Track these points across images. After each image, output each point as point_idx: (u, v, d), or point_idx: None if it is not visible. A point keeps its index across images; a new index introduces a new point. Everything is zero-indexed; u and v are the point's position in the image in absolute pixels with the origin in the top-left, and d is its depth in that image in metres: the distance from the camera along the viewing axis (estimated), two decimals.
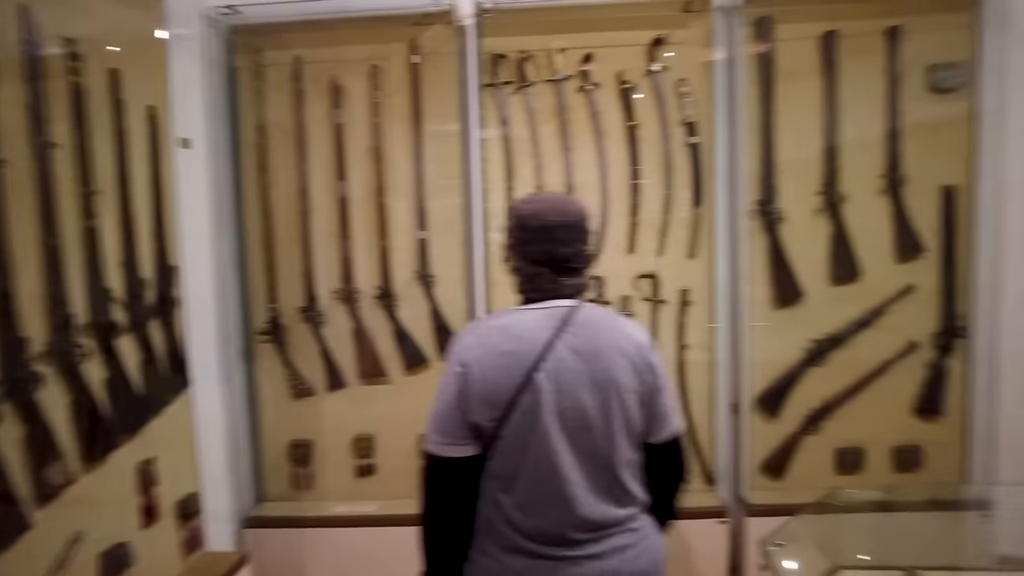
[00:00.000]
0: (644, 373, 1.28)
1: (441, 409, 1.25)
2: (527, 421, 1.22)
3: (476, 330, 1.31)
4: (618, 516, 1.28)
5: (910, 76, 2.29)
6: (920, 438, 2.37)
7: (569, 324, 1.24)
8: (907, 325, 2.33)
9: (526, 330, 1.24)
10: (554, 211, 1.30)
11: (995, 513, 2.20)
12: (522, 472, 1.24)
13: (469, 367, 1.23)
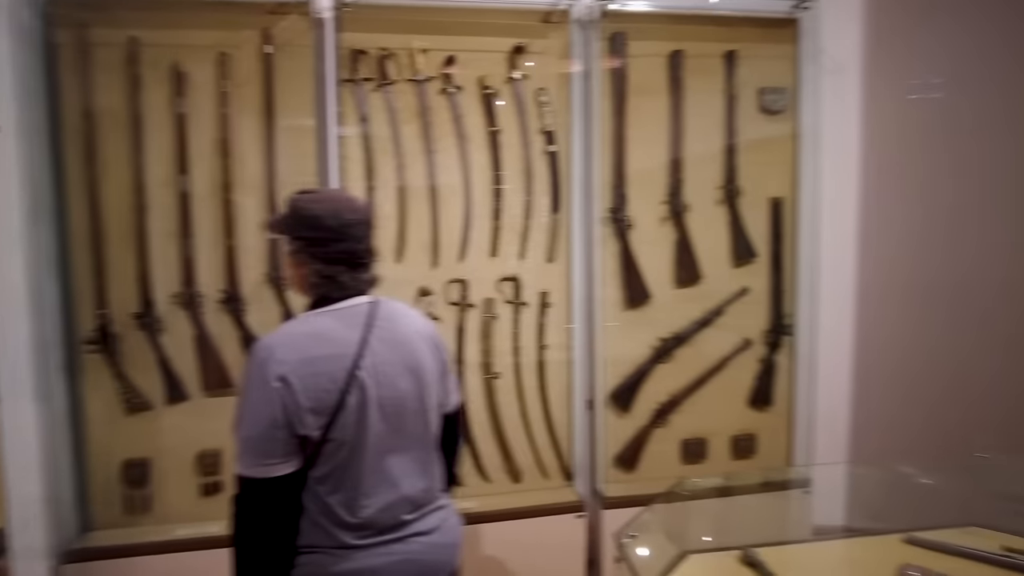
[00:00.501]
0: (439, 351, 1.43)
1: (260, 431, 1.19)
2: (354, 419, 1.25)
3: (284, 341, 1.25)
4: (434, 492, 1.40)
5: (744, 97, 2.52)
6: (754, 426, 2.61)
7: (375, 318, 1.31)
8: (742, 324, 2.56)
9: (337, 331, 1.27)
10: (348, 209, 1.33)
11: (813, 489, 2.47)
12: (350, 469, 1.26)
13: (288, 381, 1.19)
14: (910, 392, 2.61)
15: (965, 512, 1.56)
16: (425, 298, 2.35)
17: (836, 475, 2.45)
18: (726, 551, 1.46)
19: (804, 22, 2.49)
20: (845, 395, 2.64)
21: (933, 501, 1.73)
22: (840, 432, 2.64)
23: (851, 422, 2.64)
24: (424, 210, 2.35)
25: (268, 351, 1.21)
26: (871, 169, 2.57)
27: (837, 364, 2.62)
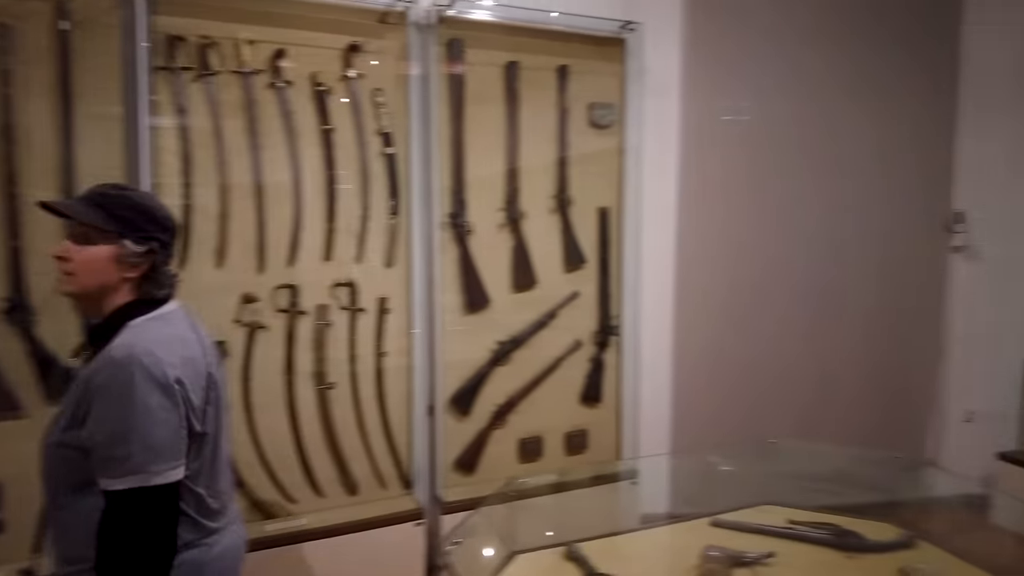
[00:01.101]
0: None
1: (168, 434, 1.18)
2: (214, 414, 1.31)
3: (161, 345, 1.21)
4: None
5: (575, 111, 2.64)
6: (586, 423, 2.74)
7: (192, 316, 1.37)
8: (574, 326, 2.68)
9: (186, 331, 1.30)
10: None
11: (639, 480, 2.64)
12: (212, 460, 1.32)
13: (182, 382, 1.21)
14: (721, 385, 2.90)
15: (761, 492, 1.75)
16: (250, 305, 2.20)
17: (658, 466, 2.64)
18: (553, 548, 1.51)
19: (630, 43, 2.66)
20: (667, 389, 2.86)
21: (737, 485, 1.92)
22: (663, 424, 2.86)
23: (672, 414, 2.87)
24: (250, 210, 2.20)
25: (152, 356, 1.17)
26: (688, 182, 2.81)
27: (659, 361, 2.83)
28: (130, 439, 1.12)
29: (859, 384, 3.02)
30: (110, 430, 1.12)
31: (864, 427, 3.03)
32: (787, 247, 2.91)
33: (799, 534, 1.53)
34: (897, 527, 1.53)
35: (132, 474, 1.11)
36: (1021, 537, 1.76)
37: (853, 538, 1.48)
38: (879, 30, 2.92)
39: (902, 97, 2.96)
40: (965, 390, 3.17)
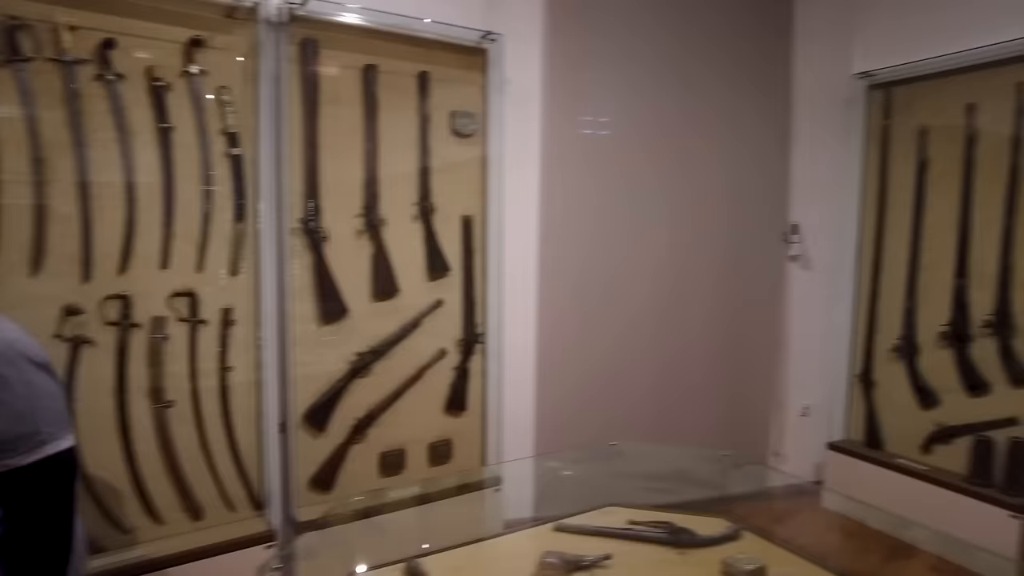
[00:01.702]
0: None
1: (60, 406, 1.21)
2: None
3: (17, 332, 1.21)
4: None
5: (438, 118, 2.62)
6: (451, 432, 2.72)
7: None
8: (438, 334, 2.65)
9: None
10: None
11: (503, 486, 2.65)
12: None
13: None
14: (581, 389, 2.98)
15: (606, 495, 1.80)
16: (73, 318, 1.99)
17: (521, 471, 2.66)
18: (396, 564, 1.47)
19: (492, 53, 2.68)
20: (531, 395, 2.90)
21: (584, 488, 1.97)
22: (527, 429, 2.89)
23: (536, 420, 2.91)
24: (73, 213, 2.00)
25: (23, 339, 1.19)
26: (548, 192, 2.87)
27: (523, 367, 2.87)
28: (32, 416, 1.16)
29: (708, 384, 3.21)
30: (8, 413, 1.14)
31: (714, 424, 3.23)
32: (640, 256, 3.05)
33: (636, 534, 1.59)
34: (727, 521, 1.63)
35: (41, 445, 1.16)
36: (829, 520, 1.93)
37: (685, 535, 1.56)
38: (724, 57, 3.13)
39: (745, 118, 3.19)
40: (802, 387, 3.46)
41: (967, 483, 2.85)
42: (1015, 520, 2.64)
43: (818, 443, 3.43)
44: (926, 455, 3.08)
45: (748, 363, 3.31)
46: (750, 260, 3.27)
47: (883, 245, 3.26)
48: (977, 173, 2.90)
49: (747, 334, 3.28)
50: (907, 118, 3.16)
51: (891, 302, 3.21)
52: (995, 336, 2.83)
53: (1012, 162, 2.77)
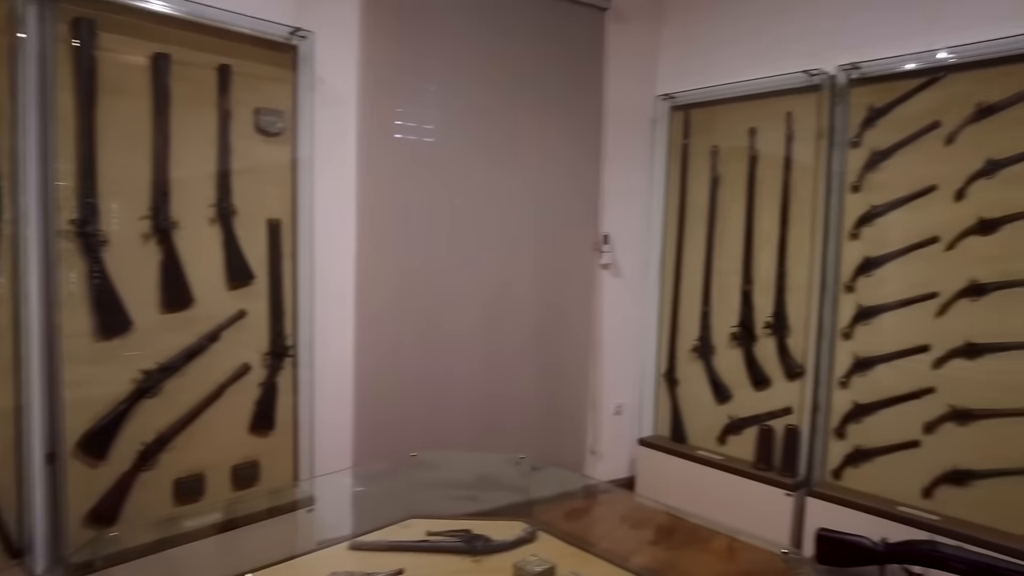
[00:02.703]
0: None
1: None
2: None
3: None
4: None
5: (241, 115, 2.45)
6: (257, 452, 2.54)
7: None
8: (241, 348, 2.47)
9: None
10: None
11: (316, 505, 2.52)
12: None
13: None
14: (404, 400, 2.92)
15: (408, 507, 1.76)
16: None
17: (332, 488, 2.55)
18: None
19: (302, 50, 2.56)
20: (349, 409, 2.79)
21: (388, 501, 1.92)
22: (345, 445, 2.78)
23: (355, 434, 2.80)
24: None
25: None
26: (366, 197, 2.79)
27: (340, 380, 2.76)
28: None
29: (528, 389, 3.30)
30: None
31: (535, 427, 3.31)
32: (461, 263, 3.06)
33: (432, 545, 1.57)
34: (525, 524, 1.66)
35: None
36: (637, 513, 2.05)
37: (480, 541, 1.56)
38: (541, 73, 3.24)
39: (560, 132, 3.32)
40: (615, 387, 3.67)
41: (753, 468, 3.17)
42: (789, 497, 2.98)
43: (631, 440, 3.66)
44: (722, 445, 3.39)
45: (565, 367, 3.44)
46: (565, 268, 3.40)
47: (683, 254, 3.55)
48: (758, 189, 3.25)
49: (563, 339, 3.42)
50: (703, 138, 3.47)
51: (690, 306, 3.50)
52: (774, 335, 3.18)
53: (784, 180, 3.14)
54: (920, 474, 2.73)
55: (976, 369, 2.60)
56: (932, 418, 2.71)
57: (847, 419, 2.96)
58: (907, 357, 2.78)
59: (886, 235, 2.84)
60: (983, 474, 2.58)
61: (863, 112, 2.88)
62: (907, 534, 1.71)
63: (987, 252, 2.57)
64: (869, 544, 1.58)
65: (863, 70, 2.86)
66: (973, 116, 2.58)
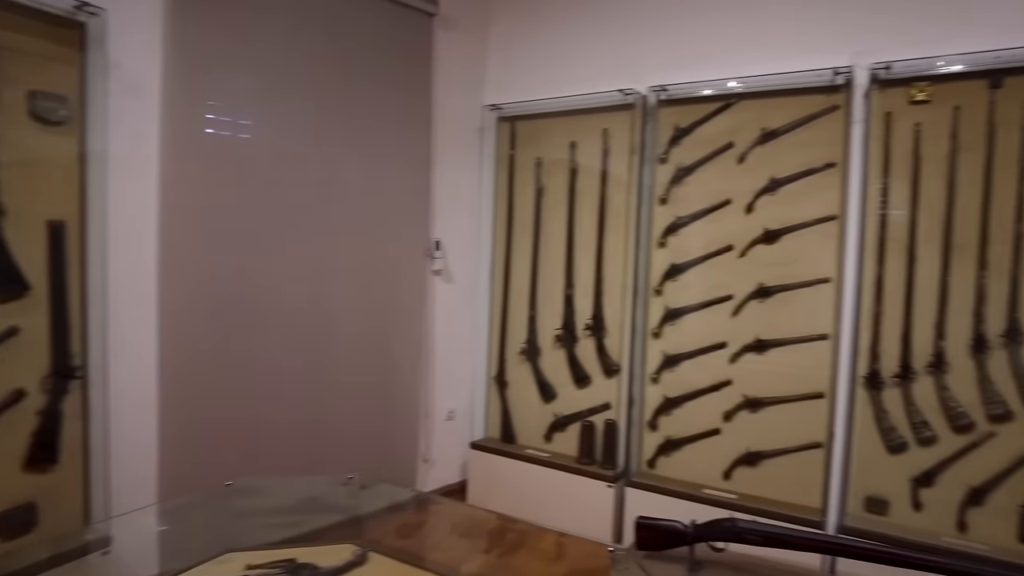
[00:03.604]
0: None
1: None
2: None
3: None
4: None
5: (11, 98, 2.09)
6: (35, 493, 2.17)
7: None
8: (12, 371, 2.11)
9: None
10: None
11: (113, 547, 2.21)
12: None
13: None
14: (219, 423, 2.67)
15: (225, 540, 1.61)
16: None
17: (131, 527, 2.26)
18: None
19: (92, 29, 2.25)
20: (152, 436, 2.49)
21: (201, 536, 1.74)
22: (148, 477, 2.48)
23: (160, 465, 2.50)
24: None
25: None
26: (171, 198, 2.51)
27: (140, 404, 2.45)
28: None
29: (360, 402, 3.18)
30: None
31: (368, 441, 3.21)
32: (285, 272, 2.88)
33: None
34: (355, 545, 1.59)
35: None
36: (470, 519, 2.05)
37: (307, 570, 1.47)
38: (370, 76, 3.14)
39: (390, 138, 3.25)
40: (447, 393, 3.67)
41: (577, 463, 3.34)
42: (610, 489, 3.17)
43: (463, 444, 3.68)
44: (548, 443, 3.53)
45: (397, 375, 3.38)
46: (396, 275, 3.34)
47: (512, 260, 3.65)
48: (579, 200, 3.43)
49: (395, 347, 3.35)
50: (529, 149, 3.60)
51: (519, 310, 3.61)
52: (593, 336, 3.38)
53: (602, 192, 3.35)
54: (721, 458, 3.05)
55: (764, 362, 2.97)
56: (730, 407, 3.04)
57: (658, 412, 3.22)
58: (708, 353, 3.09)
59: (688, 244, 3.14)
60: (770, 454, 2.95)
61: (670, 131, 3.16)
62: (712, 514, 1.88)
63: (771, 259, 2.94)
64: (681, 527, 1.73)
65: (670, 92, 3.14)
66: (759, 139, 2.94)
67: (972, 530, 2.56)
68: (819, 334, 2.84)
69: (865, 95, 2.71)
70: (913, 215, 2.64)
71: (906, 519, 2.67)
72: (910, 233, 2.64)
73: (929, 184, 2.61)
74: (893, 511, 2.70)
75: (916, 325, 2.64)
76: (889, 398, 2.70)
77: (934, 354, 2.60)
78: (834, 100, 2.80)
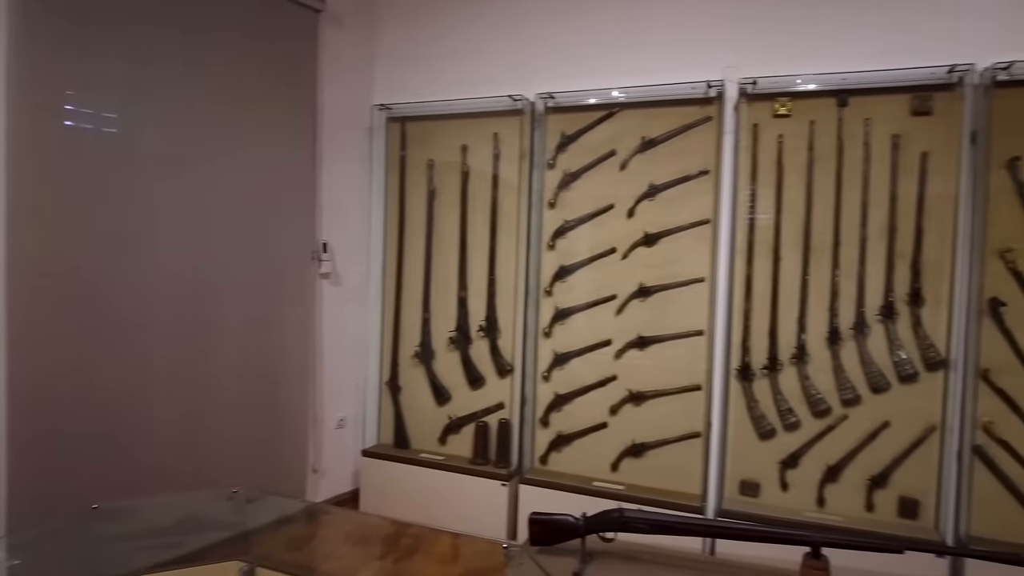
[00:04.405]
0: None
1: None
2: None
3: None
4: None
5: None
6: None
7: None
8: None
9: None
10: None
11: None
12: None
13: None
14: (80, 442, 2.44)
15: (93, 569, 1.48)
16: None
17: None
18: None
19: None
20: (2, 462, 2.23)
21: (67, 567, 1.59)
22: None
23: (8, 491, 2.25)
24: None
25: None
26: (19, 196, 2.27)
27: None
28: None
29: (244, 413, 3.02)
30: None
31: (253, 453, 3.06)
32: (154, 274, 2.68)
33: None
34: (240, 562, 1.52)
35: None
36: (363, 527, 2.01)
37: None
38: (250, 69, 3.00)
39: (272, 134, 3.11)
40: (337, 400, 3.57)
41: (471, 463, 3.36)
42: (504, 487, 3.21)
43: (355, 452, 3.60)
44: (443, 446, 3.52)
45: (283, 384, 3.24)
46: (280, 279, 3.20)
47: (404, 262, 3.61)
48: (471, 203, 3.45)
49: (280, 354, 3.21)
50: (420, 150, 3.57)
51: (412, 313, 3.58)
52: (487, 337, 3.41)
53: (493, 195, 3.39)
54: (609, 451, 3.18)
55: (645, 357, 3.12)
56: (615, 402, 3.17)
57: (550, 409, 3.30)
58: (595, 351, 3.21)
59: (576, 246, 3.24)
60: (654, 445, 3.10)
61: (558, 137, 3.25)
62: (602, 505, 1.96)
63: (650, 260, 3.10)
64: (572, 520, 1.79)
65: (557, 100, 3.24)
66: (640, 147, 3.10)
67: (829, 504, 2.83)
68: (695, 330, 3.02)
69: (735, 107, 2.92)
70: (778, 219, 2.88)
71: (775, 499, 2.90)
72: (775, 236, 2.88)
73: (791, 191, 2.86)
74: (764, 493, 2.93)
75: (781, 320, 2.88)
76: (759, 388, 2.92)
77: (797, 346, 2.85)
78: (708, 111, 2.99)
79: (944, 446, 2.67)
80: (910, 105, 2.68)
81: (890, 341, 2.72)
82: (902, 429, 2.72)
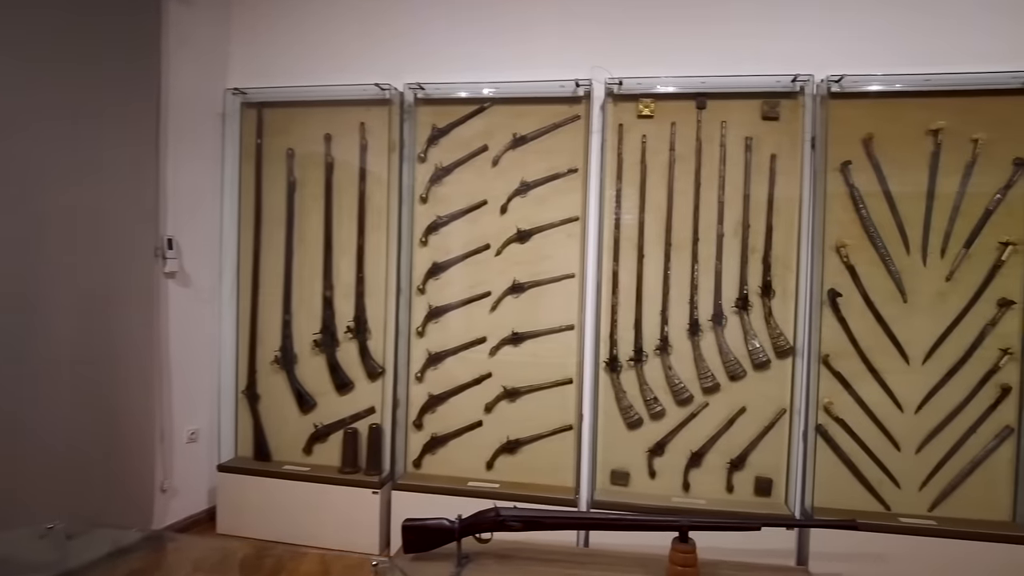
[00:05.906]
0: None
1: None
2: None
3: None
4: None
5: None
6: None
7: None
8: None
9: None
10: None
11: None
12: None
13: None
14: None
15: None
16: None
17: None
18: None
19: None
20: None
21: None
22: None
23: None
24: None
25: None
26: None
27: None
28: None
29: (76, 427, 2.64)
30: None
31: (87, 477, 2.68)
32: None
33: None
34: None
35: None
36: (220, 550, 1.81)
37: None
38: (84, 47, 2.63)
39: (105, 120, 2.74)
40: (188, 411, 3.24)
41: (341, 473, 3.18)
42: (376, 495, 3.07)
43: (210, 467, 3.29)
44: (308, 456, 3.30)
45: (124, 394, 2.88)
46: (118, 279, 2.83)
47: (261, 260, 3.34)
48: (336, 196, 3.27)
49: (119, 363, 2.85)
50: (278, 139, 3.33)
51: (271, 315, 3.33)
52: (355, 339, 3.25)
53: (361, 189, 3.23)
54: (483, 449, 3.14)
55: (520, 353, 3.12)
56: (490, 399, 3.13)
57: (424, 410, 3.20)
58: (469, 349, 3.16)
59: (449, 243, 3.17)
60: (528, 440, 3.10)
61: (429, 130, 3.16)
62: (478, 506, 1.90)
63: (523, 257, 3.10)
64: (447, 524, 1.72)
65: (427, 91, 3.15)
66: (511, 144, 3.08)
67: (694, 489, 2.97)
68: (567, 325, 3.06)
69: (601, 107, 2.99)
70: (642, 217, 2.97)
71: (644, 487, 3.00)
72: (639, 233, 2.97)
73: (654, 190, 2.96)
74: (633, 481, 3.02)
75: (646, 314, 2.98)
76: (626, 380, 3.01)
77: (661, 338, 2.96)
78: (576, 110, 3.04)
79: (792, 427, 2.88)
80: (760, 110, 2.87)
81: (745, 331, 2.90)
82: (757, 413, 2.91)
